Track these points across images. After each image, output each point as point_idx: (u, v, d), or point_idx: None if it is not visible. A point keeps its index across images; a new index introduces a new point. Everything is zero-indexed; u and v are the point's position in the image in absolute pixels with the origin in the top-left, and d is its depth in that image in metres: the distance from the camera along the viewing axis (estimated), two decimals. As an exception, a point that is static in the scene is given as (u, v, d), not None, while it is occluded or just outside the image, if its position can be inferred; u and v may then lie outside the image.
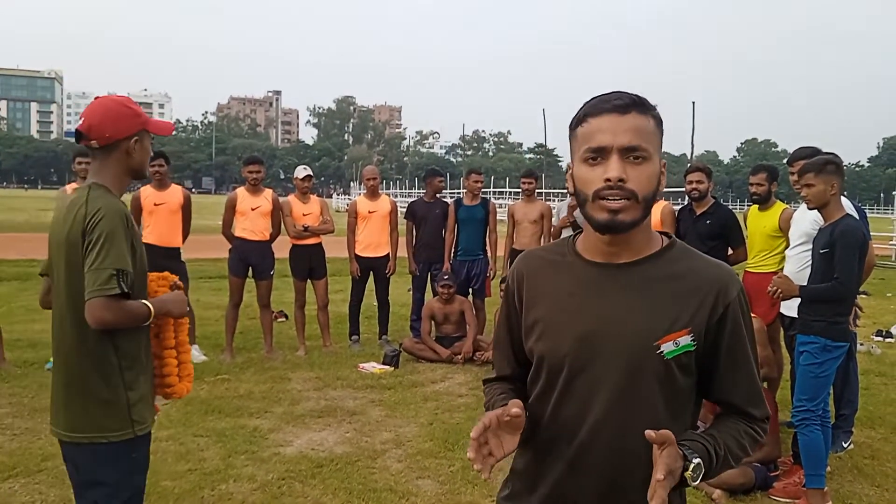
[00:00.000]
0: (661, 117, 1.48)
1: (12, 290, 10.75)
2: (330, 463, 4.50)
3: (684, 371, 1.47)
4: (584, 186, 1.45)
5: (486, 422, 1.40)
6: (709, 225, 5.81)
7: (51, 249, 2.39)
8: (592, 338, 1.48)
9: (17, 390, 5.79)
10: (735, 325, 1.48)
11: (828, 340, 3.94)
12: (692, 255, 1.54)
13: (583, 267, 1.53)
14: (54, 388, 2.40)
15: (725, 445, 1.46)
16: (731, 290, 1.47)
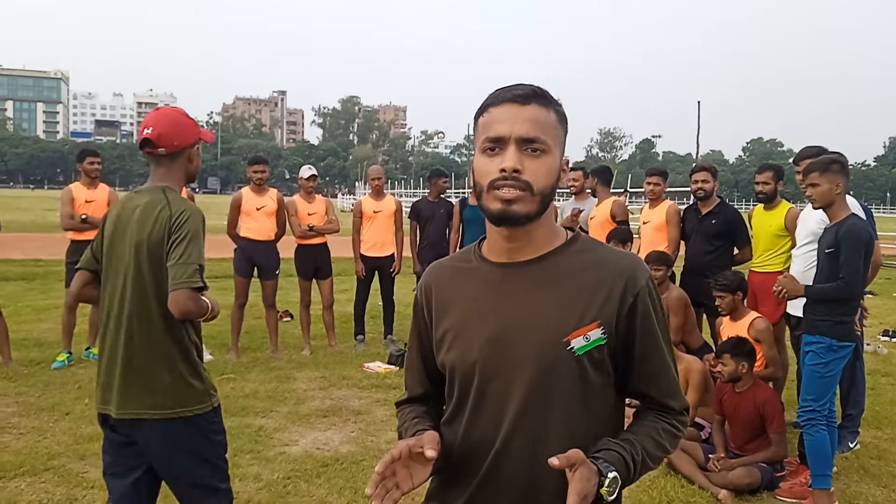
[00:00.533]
0: (564, 113, 1.44)
1: (18, 289, 10.78)
2: (335, 462, 4.51)
3: (598, 367, 1.42)
4: (481, 177, 1.39)
5: (396, 454, 1.32)
6: (714, 224, 5.80)
7: (119, 247, 2.57)
8: (500, 341, 1.42)
9: (24, 389, 5.81)
10: (646, 314, 1.43)
11: (833, 340, 3.93)
12: (597, 246, 1.49)
13: (487, 269, 1.48)
14: (115, 365, 2.54)
15: (643, 448, 1.41)
16: (639, 278, 1.43)
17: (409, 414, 1.62)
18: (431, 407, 1.64)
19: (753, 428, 4.38)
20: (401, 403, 1.69)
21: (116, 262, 2.58)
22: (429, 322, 1.57)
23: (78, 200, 6.75)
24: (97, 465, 4.33)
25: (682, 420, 1.51)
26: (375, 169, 8.11)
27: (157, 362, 2.52)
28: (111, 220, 2.67)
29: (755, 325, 4.88)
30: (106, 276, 2.63)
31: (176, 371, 2.54)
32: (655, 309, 1.45)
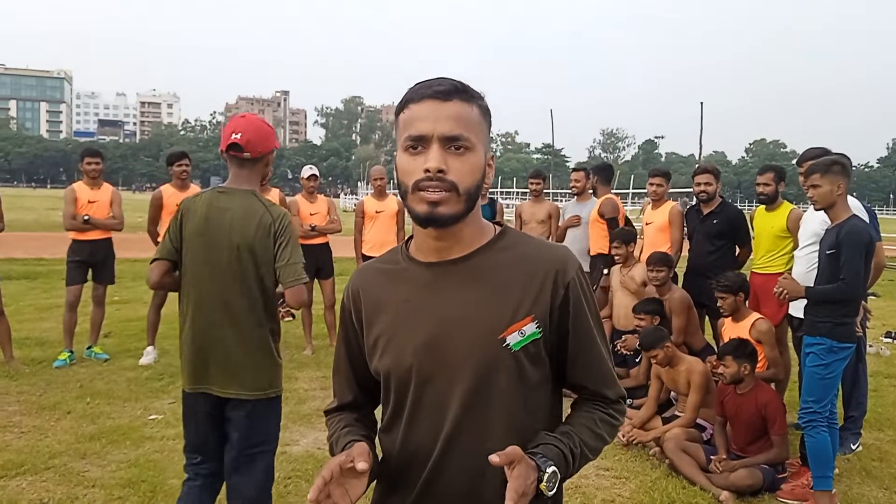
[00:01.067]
0: (487, 107, 1.40)
1: (21, 288, 10.79)
2: (336, 462, 4.50)
3: (535, 362, 1.40)
4: (405, 177, 1.34)
5: (327, 475, 1.26)
6: (716, 224, 5.79)
7: (212, 244, 2.85)
8: (435, 343, 1.38)
9: (26, 388, 5.81)
10: (577, 305, 1.42)
11: (834, 342, 3.92)
12: (526, 239, 1.47)
13: (416, 270, 1.44)
14: (220, 346, 2.87)
15: (581, 441, 1.41)
16: (569, 269, 1.41)
17: (339, 423, 1.56)
18: (362, 414, 1.59)
19: (755, 429, 4.38)
20: (330, 412, 1.63)
21: (208, 256, 2.87)
22: (358, 327, 1.52)
23: (81, 200, 6.76)
24: (98, 465, 4.35)
25: (619, 409, 1.50)
26: (378, 169, 8.11)
27: (257, 349, 2.92)
28: (195, 215, 2.90)
29: (757, 327, 4.87)
30: (192, 267, 2.91)
31: (270, 356, 2.96)
32: (587, 299, 1.44)
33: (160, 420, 5.19)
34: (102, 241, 6.86)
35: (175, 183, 6.93)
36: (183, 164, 6.91)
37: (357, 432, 1.50)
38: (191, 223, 2.91)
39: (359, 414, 1.59)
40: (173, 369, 6.49)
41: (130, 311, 8.97)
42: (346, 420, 1.56)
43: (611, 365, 1.50)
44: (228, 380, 2.88)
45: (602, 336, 1.48)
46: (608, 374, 1.49)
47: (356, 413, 1.60)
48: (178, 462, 4.41)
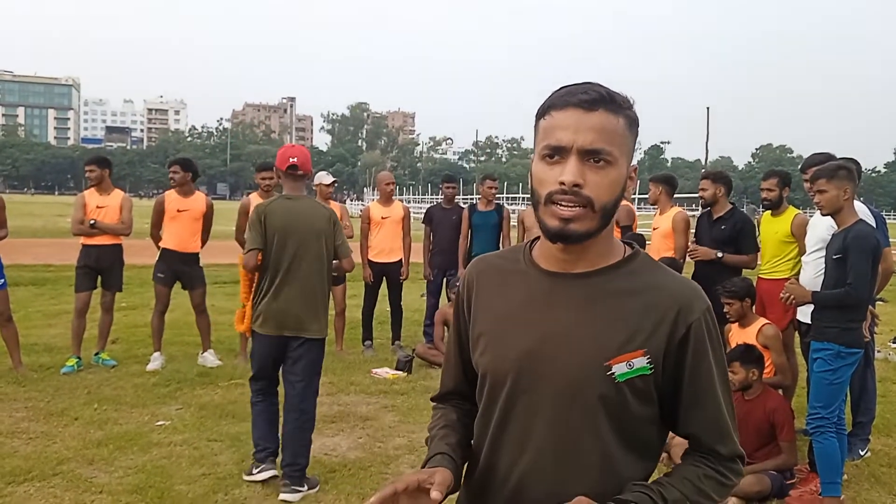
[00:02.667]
0: (635, 116, 1.33)
1: (29, 294, 10.84)
2: (343, 468, 4.51)
3: (641, 398, 1.31)
4: (539, 186, 1.30)
5: (401, 487, 1.26)
6: (724, 230, 5.78)
7: (296, 232, 4.16)
8: (539, 354, 1.34)
9: (34, 394, 5.83)
10: (698, 348, 1.31)
11: (841, 347, 3.92)
12: (656, 268, 1.38)
13: (535, 276, 1.39)
14: (301, 305, 4.17)
15: (681, 494, 1.31)
16: (694, 308, 1.31)
17: (441, 419, 1.54)
18: (464, 411, 1.55)
19: (763, 436, 4.36)
20: (436, 399, 1.62)
21: (294, 238, 4.15)
22: (467, 317, 1.49)
23: (90, 206, 6.80)
24: (105, 471, 4.36)
25: (732, 468, 1.37)
26: (386, 175, 8.13)
27: (320, 302, 4.28)
28: (278, 215, 4.18)
29: (763, 332, 4.86)
30: (280, 248, 4.14)
31: (324, 310, 4.35)
32: (712, 344, 1.33)
33: (167, 426, 5.20)
34: (111, 248, 6.88)
35: (177, 189, 6.96)
36: (170, 171, 6.95)
37: (451, 439, 1.46)
38: (275, 221, 4.16)
39: (460, 410, 1.55)
40: (180, 375, 6.51)
41: (138, 317, 8.99)
42: (448, 419, 1.53)
43: (730, 420, 1.37)
44: (305, 324, 4.18)
45: (725, 387, 1.37)
46: (724, 428, 1.36)
47: (458, 409, 1.56)
48: (185, 468, 4.43)
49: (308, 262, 4.18)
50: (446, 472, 1.33)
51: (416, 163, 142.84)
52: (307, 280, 4.18)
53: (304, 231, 4.18)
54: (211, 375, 6.56)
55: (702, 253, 5.71)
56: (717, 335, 1.35)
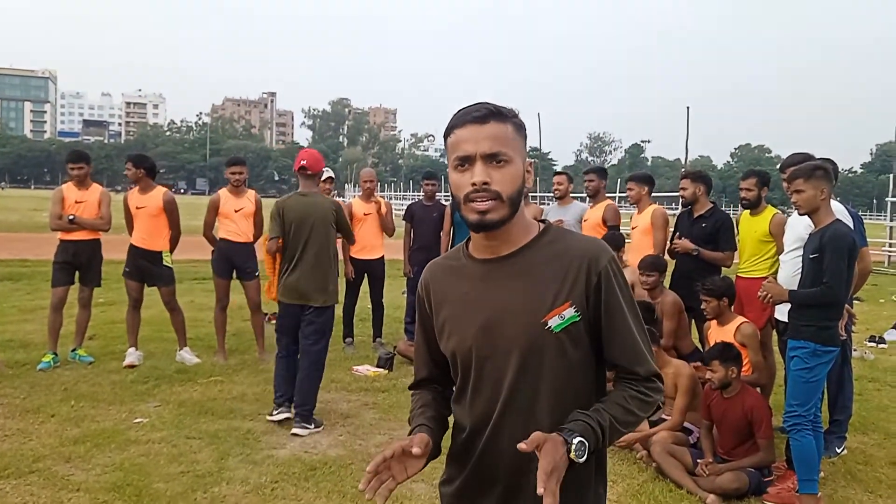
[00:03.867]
0: (521, 123, 1.65)
1: (4, 290, 10.70)
2: (323, 466, 4.49)
3: (575, 342, 1.62)
4: (457, 191, 1.61)
5: (388, 454, 1.56)
6: (704, 228, 5.85)
7: (307, 220, 5.23)
8: (490, 326, 1.63)
9: (9, 391, 5.75)
10: (609, 289, 1.62)
11: (818, 345, 3.96)
12: (566, 235, 1.70)
13: (473, 265, 1.70)
14: (309, 280, 5.24)
15: (611, 416, 1.58)
16: (601, 259, 1.62)
17: (418, 401, 1.84)
18: (438, 392, 1.86)
19: (741, 433, 4.40)
20: (412, 387, 1.91)
21: (305, 227, 5.23)
22: (429, 313, 1.78)
23: (68, 201, 6.71)
24: (82, 468, 4.31)
25: (651, 386, 1.65)
26: (368, 172, 8.11)
27: (329, 276, 5.33)
28: (292, 209, 5.28)
29: (741, 330, 4.91)
30: (296, 235, 5.24)
31: (332, 282, 5.37)
32: (619, 285, 1.64)
33: (146, 423, 5.15)
34: (89, 242, 6.80)
35: (137, 187, 6.91)
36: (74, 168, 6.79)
37: (428, 413, 1.77)
38: (290, 214, 5.25)
39: (434, 393, 1.85)
40: (158, 372, 6.45)
41: (115, 313, 8.88)
42: (424, 399, 1.84)
43: (642, 344, 1.65)
44: (311, 295, 5.24)
45: (635, 317, 1.66)
46: (639, 352, 1.64)
47: (431, 392, 1.86)
48: (163, 465, 4.39)
49: (315, 247, 5.24)
50: (424, 435, 1.66)
51: (397, 159, 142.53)
52: (315, 261, 5.24)
53: (312, 222, 5.24)
54: (190, 372, 6.50)
55: (681, 246, 5.79)
56: (622, 279, 1.65)
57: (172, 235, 6.96)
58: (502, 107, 1.62)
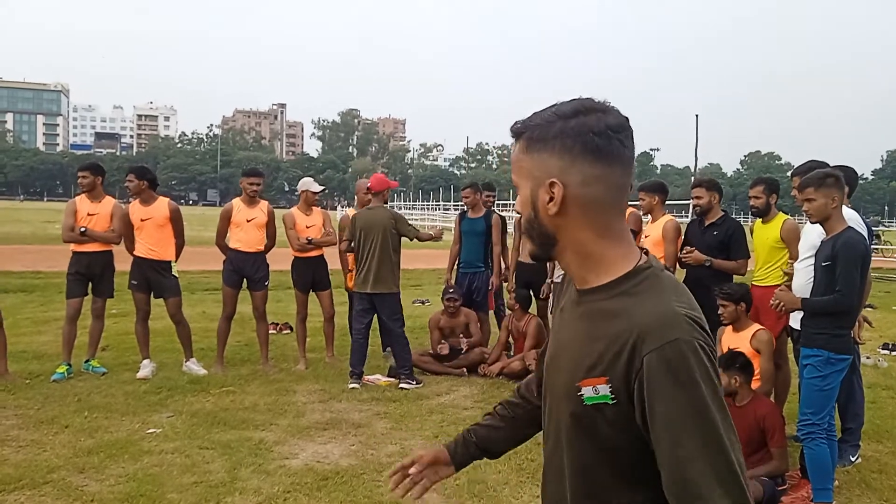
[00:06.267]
0: (532, 134, 1.31)
1: (18, 301, 10.77)
2: (335, 476, 4.49)
3: (613, 426, 1.24)
4: None
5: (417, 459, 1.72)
6: (715, 236, 5.81)
7: (373, 228, 6.72)
8: (550, 364, 1.41)
9: (23, 402, 5.79)
10: (653, 389, 1.17)
11: (831, 353, 3.94)
12: (642, 291, 1.26)
13: (570, 290, 1.43)
14: (375, 273, 6.67)
15: None
16: (653, 337, 1.18)
17: (501, 405, 1.80)
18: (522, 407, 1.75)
19: (754, 442, 4.37)
20: (518, 387, 1.82)
21: (370, 233, 6.70)
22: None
23: (80, 213, 6.77)
24: (96, 479, 4.33)
25: None
26: (364, 183, 8.15)
27: (390, 270, 6.78)
28: (361, 218, 6.84)
29: (757, 337, 4.89)
30: (364, 240, 6.72)
31: (397, 273, 6.89)
32: (676, 381, 1.15)
33: (158, 434, 5.17)
34: (101, 254, 6.85)
35: (138, 199, 6.91)
36: (126, 179, 6.90)
37: (485, 421, 1.79)
38: (360, 221, 6.79)
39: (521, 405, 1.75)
40: (171, 382, 6.48)
41: (128, 325, 8.88)
42: (505, 406, 1.79)
43: (697, 477, 1.14)
44: (377, 285, 6.69)
45: (701, 436, 1.15)
46: (687, 483, 1.15)
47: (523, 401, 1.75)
48: (176, 476, 4.41)
49: (378, 248, 6.69)
50: (441, 451, 1.75)
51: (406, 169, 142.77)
52: (378, 258, 6.69)
53: (375, 229, 6.72)
54: (202, 383, 6.53)
55: (693, 258, 5.75)
56: (686, 373, 1.16)
57: (178, 244, 7.01)
58: (522, 119, 1.35)
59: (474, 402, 6.32)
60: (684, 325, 1.19)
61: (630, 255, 1.32)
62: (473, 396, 6.50)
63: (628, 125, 1.30)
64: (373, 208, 6.88)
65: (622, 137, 1.28)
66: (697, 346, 1.17)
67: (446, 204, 64.24)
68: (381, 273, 6.69)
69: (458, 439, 1.78)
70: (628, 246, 1.32)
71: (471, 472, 4.58)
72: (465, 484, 4.39)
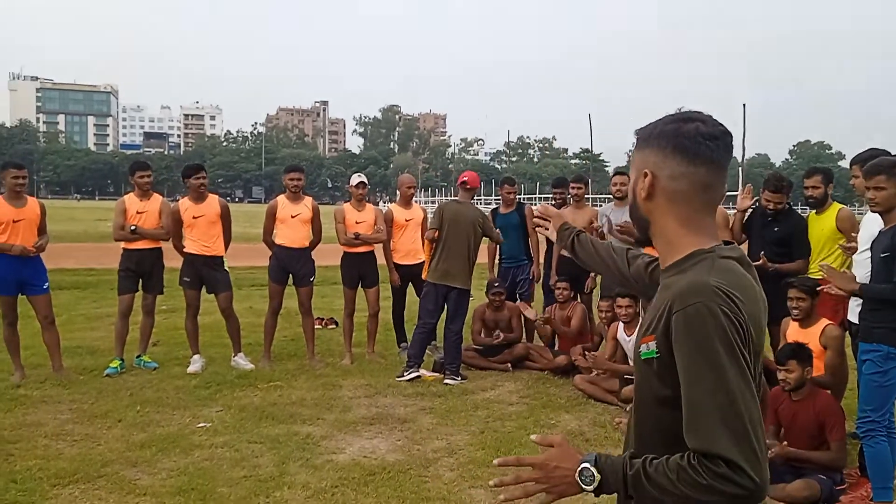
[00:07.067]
0: (640, 134, 1.60)
1: (72, 298, 11.04)
2: (382, 471, 4.50)
3: (661, 379, 1.48)
4: None
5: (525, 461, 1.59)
6: (776, 232, 5.62)
7: (461, 221, 6.80)
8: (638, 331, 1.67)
9: (77, 396, 5.93)
10: (677, 338, 1.41)
11: (891, 348, 3.81)
12: (691, 268, 1.49)
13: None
14: (455, 266, 6.76)
15: (646, 470, 1.41)
16: (678, 300, 1.42)
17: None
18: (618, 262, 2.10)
19: (812, 437, 4.25)
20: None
21: (460, 227, 6.78)
22: None
23: (130, 211, 6.90)
24: (149, 472, 4.41)
25: (706, 465, 1.34)
26: (407, 178, 8.15)
27: (469, 266, 6.87)
28: (450, 209, 6.92)
29: (827, 332, 4.74)
30: (449, 232, 6.76)
31: (471, 270, 6.95)
32: (691, 336, 1.39)
33: (209, 428, 5.25)
34: (150, 251, 6.98)
35: (191, 195, 7.02)
36: (200, 178, 7.00)
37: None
38: (449, 213, 6.85)
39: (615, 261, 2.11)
40: (220, 377, 6.57)
41: (179, 320, 9.05)
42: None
43: (706, 414, 1.36)
44: (455, 279, 6.77)
45: (712, 380, 1.36)
46: (695, 420, 1.37)
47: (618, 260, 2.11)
48: (226, 470, 4.47)
49: (462, 242, 6.76)
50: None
51: (447, 164, 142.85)
52: (460, 252, 6.76)
53: (462, 222, 6.79)
54: (250, 377, 6.61)
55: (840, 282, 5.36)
56: (701, 329, 1.38)
57: (227, 240, 7.12)
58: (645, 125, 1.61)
59: (520, 397, 6.28)
60: (709, 293, 1.40)
61: (702, 243, 1.53)
62: (519, 392, 6.46)
63: (722, 135, 1.52)
64: (462, 203, 7.07)
65: (712, 144, 1.50)
66: (719, 310, 1.38)
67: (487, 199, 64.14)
68: (462, 267, 6.78)
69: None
70: (706, 237, 1.54)
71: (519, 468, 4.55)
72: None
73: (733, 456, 1.32)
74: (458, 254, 6.74)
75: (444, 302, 6.82)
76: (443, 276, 6.75)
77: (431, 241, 6.90)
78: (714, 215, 1.57)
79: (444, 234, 6.75)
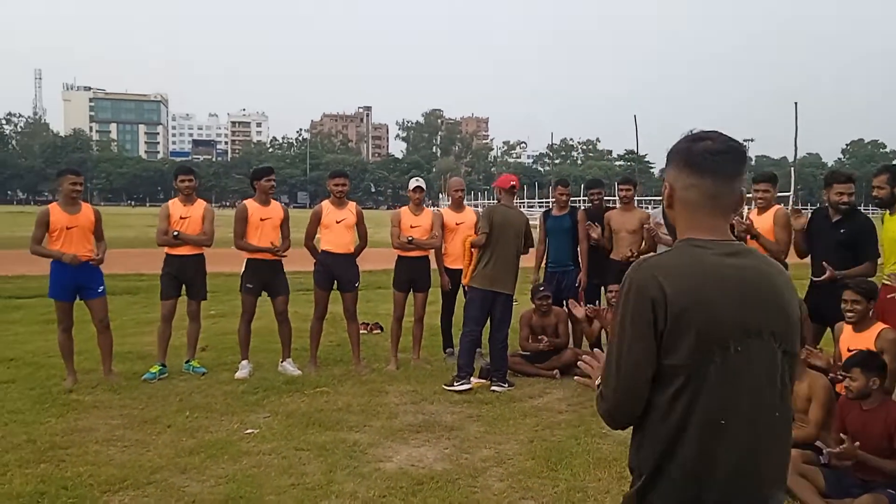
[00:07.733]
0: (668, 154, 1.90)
1: (123, 303, 11.22)
2: (430, 480, 4.41)
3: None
4: None
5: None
6: (842, 234, 5.37)
7: (507, 227, 6.65)
8: None
9: (127, 402, 5.98)
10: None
11: None
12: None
13: None
14: (502, 271, 6.67)
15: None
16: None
17: None
18: None
19: (882, 449, 4.02)
20: None
21: (509, 232, 6.64)
22: None
23: (173, 216, 6.95)
24: (197, 479, 4.39)
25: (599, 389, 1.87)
26: (457, 181, 8.07)
27: (515, 272, 6.79)
28: (499, 213, 6.73)
29: (882, 336, 4.51)
30: (498, 236, 6.60)
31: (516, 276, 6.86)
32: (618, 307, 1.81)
33: (256, 434, 5.22)
34: (192, 258, 7.01)
35: (259, 197, 7.03)
36: (272, 180, 7.04)
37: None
38: (497, 217, 6.66)
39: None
40: (267, 383, 6.57)
41: (227, 325, 9.14)
42: None
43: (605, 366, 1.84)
44: (503, 284, 6.67)
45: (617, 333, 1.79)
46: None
47: None
48: (274, 478, 4.43)
49: (509, 247, 6.64)
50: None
51: (490, 167, 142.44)
52: (507, 257, 6.64)
53: (508, 227, 6.65)
54: (297, 383, 6.59)
55: (827, 278, 5.22)
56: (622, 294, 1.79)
57: (286, 246, 7.13)
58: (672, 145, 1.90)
59: (568, 405, 6.13)
60: (635, 267, 1.81)
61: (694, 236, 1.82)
62: (567, 399, 6.30)
63: (730, 150, 1.81)
64: (510, 207, 6.93)
65: (719, 159, 1.79)
66: (628, 280, 1.78)
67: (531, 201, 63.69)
68: (509, 273, 6.68)
69: None
70: (702, 232, 1.81)
71: (571, 479, 4.42)
72: (565, 492, 4.23)
73: (602, 387, 1.84)
74: (506, 259, 6.61)
75: (490, 308, 6.67)
76: (491, 281, 6.59)
77: (476, 247, 6.73)
78: (724, 218, 1.83)
79: (493, 238, 6.58)
